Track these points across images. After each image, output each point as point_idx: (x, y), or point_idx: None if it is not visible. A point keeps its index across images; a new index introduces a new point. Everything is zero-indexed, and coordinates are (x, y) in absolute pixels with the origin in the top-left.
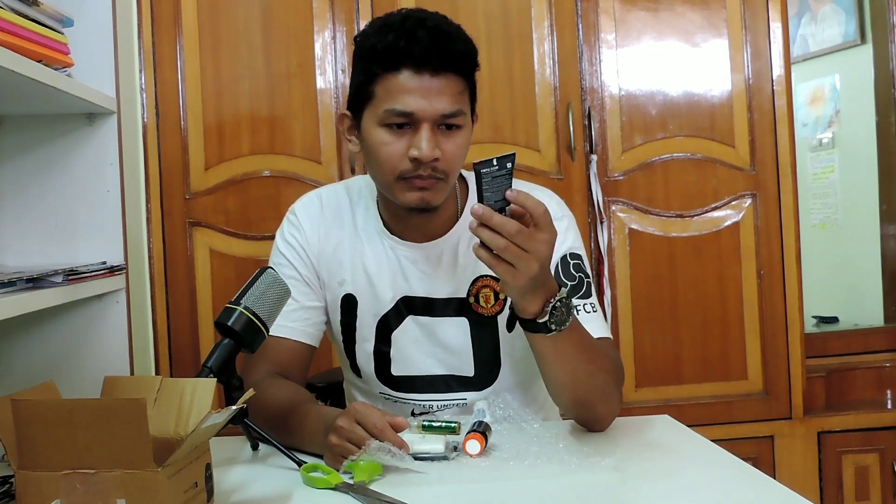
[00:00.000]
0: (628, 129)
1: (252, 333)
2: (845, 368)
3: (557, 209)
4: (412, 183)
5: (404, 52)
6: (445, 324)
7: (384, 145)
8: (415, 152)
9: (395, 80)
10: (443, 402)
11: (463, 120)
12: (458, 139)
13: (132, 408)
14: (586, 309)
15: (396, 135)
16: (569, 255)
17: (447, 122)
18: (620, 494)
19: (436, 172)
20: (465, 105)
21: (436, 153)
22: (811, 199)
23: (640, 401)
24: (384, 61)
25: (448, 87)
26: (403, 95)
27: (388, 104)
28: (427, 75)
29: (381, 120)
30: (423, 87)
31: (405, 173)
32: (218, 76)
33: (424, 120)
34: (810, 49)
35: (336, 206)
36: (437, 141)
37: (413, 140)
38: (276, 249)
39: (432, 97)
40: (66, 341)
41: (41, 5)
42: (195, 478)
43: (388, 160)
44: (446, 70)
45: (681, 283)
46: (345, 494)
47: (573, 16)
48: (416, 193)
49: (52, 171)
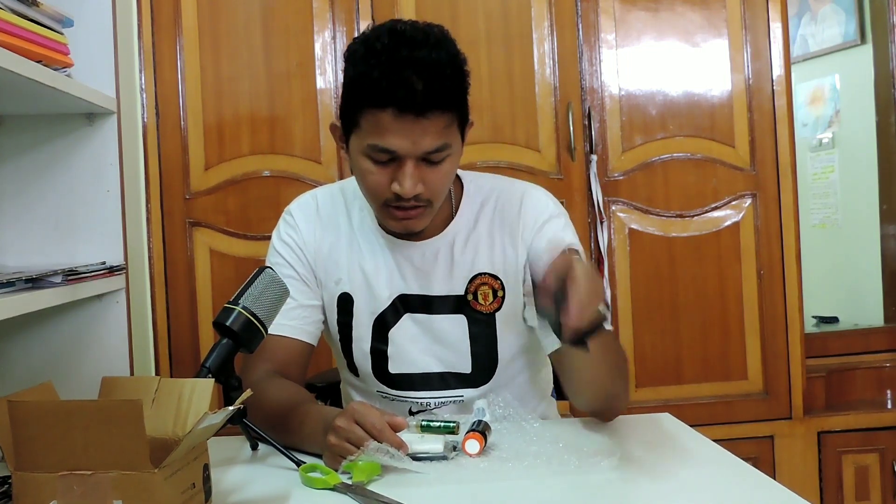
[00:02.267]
0: (628, 129)
1: (251, 333)
2: (845, 368)
3: (555, 208)
4: (395, 213)
5: (387, 92)
6: (443, 321)
7: (369, 174)
8: (396, 187)
9: (379, 116)
10: (440, 400)
11: (450, 150)
12: (444, 168)
13: (129, 409)
14: None
15: (380, 166)
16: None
17: (432, 157)
18: (620, 494)
19: (419, 202)
20: (452, 136)
21: (418, 189)
22: (811, 199)
23: (641, 401)
24: (368, 97)
25: (433, 126)
26: (386, 134)
27: (371, 139)
28: (411, 116)
29: (366, 151)
30: (406, 128)
31: (389, 202)
32: (218, 76)
33: (407, 157)
34: (810, 49)
35: (332, 205)
36: (420, 175)
37: (396, 174)
38: (273, 249)
39: (415, 137)
40: (65, 341)
41: (41, 5)
42: (193, 478)
43: (372, 189)
44: (432, 109)
45: (681, 283)
46: (343, 495)
47: (573, 16)
48: (399, 223)
49: (52, 171)
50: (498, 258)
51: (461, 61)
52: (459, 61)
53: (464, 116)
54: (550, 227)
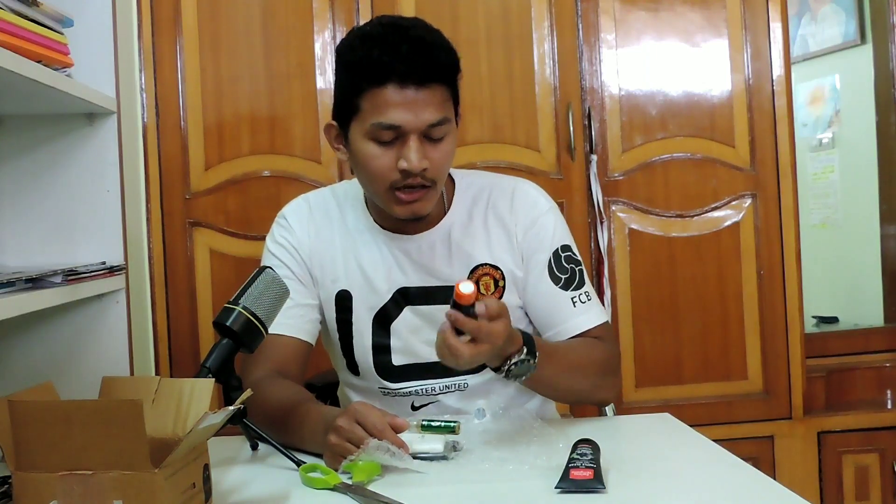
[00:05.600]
0: (628, 129)
1: (251, 333)
2: (845, 368)
3: (545, 202)
4: (401, 197)
5: (388, 66)
6: (445, 311)
7: (373, 158)
8: (404, 164)
9: (380, 94)
10: (444, 385)
11: (448, 127)
12: (444, 147)
13: (129, 409)
14: (581, 300)
15: (384, 147)
16: (560, 248)
17: (433, 132)
18: (620, 494)
19: (425, 181)
20: (450, 112)
21: (424, 163)
22: (811, 199)
23: (640, 401)
24: (369, 76)
25: (433, 98)
26: (390, 109)
27: (374, 118)
28: (412, 88)
29: (369, 133)
30: (408, 100)
31: (396, 184)
32: (218, 76)
33: (411, 132)
34: (810, 49)
35: (324, 207)
36: (424, 151)
37: (402, 151)
38: (268, 251)
39: (418, 109)
40: (65, 341)
41: (41, 5)
42: (193, 478)
43: (378, 172)
44: (430, 81)
45: (681, 283)
46: (343, 495)
47: (573, 16)
48: (406, 207)
49: (52, 171)
50: (496, 249)
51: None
52: (450, 44)
53: (457, 99)
54: (543, 224)
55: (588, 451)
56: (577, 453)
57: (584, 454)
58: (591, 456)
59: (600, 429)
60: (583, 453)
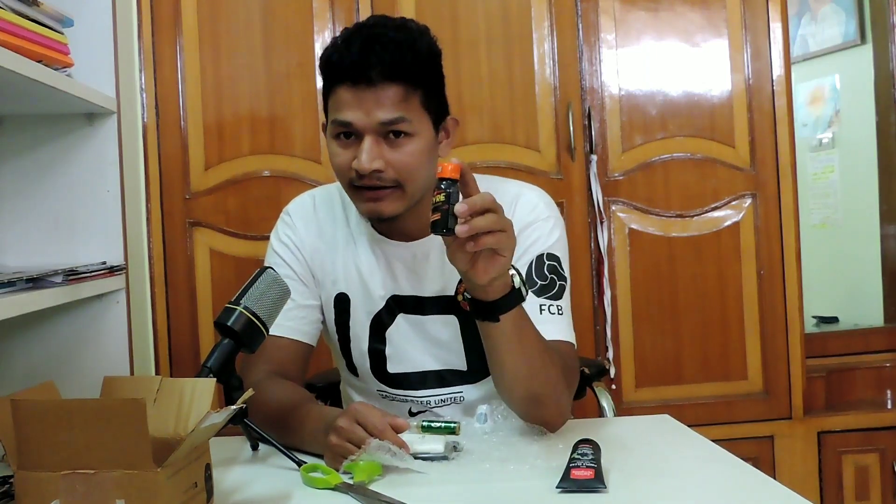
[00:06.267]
0: (628, 129)
1: (252, 334)
2: (845, 368)
3: (544, 209)
4: (362, 193)
5: (340, 65)
6: (435, 322)
7: (335, 156)
8: (355, 163)
9: (338, 92)
10: (440, 398)
11: (410, 127)
12: (407, 147)
13: (131, 408)
14: (551, 310)
15: (344, 146)
16: (545, 255)
17: (392, 130)
18: (621, 494)
19: (382, 182)
20: (414, 111)
21: (375, 164)
22: (811, 199)
23: (640, 401)
24: (329, 75)
25: (385, 97)
26: (343, 107)
27: (332, 116)
28: (362, 86)
29: (331, 131)
30: (358, 98)
31: (353, 181)
32: (218, 76)
33: (364, 130)
34: (810, 49)
35: (329, 205)
36: (380, 151)
37: (357, 152)
38: (272, 249)
39: (368, 107)
40: (65, 341)
41: (41, 5)
42: (195, 478)
43: (338, 170)
44: (383, 80)
45: (681, 283)
46: (344, 494)
47: (573, 16)
48: (367, 204)
49: (52, 171)
50: None
51: (427, 47)
52: (423, 45)
53: (430, 99)
54: (536, 228)
55: (589, 450)
56: (577, 453)
57: (584, 454)
58: (592, 456)
59: (600, 429)
60: (583, 453)
